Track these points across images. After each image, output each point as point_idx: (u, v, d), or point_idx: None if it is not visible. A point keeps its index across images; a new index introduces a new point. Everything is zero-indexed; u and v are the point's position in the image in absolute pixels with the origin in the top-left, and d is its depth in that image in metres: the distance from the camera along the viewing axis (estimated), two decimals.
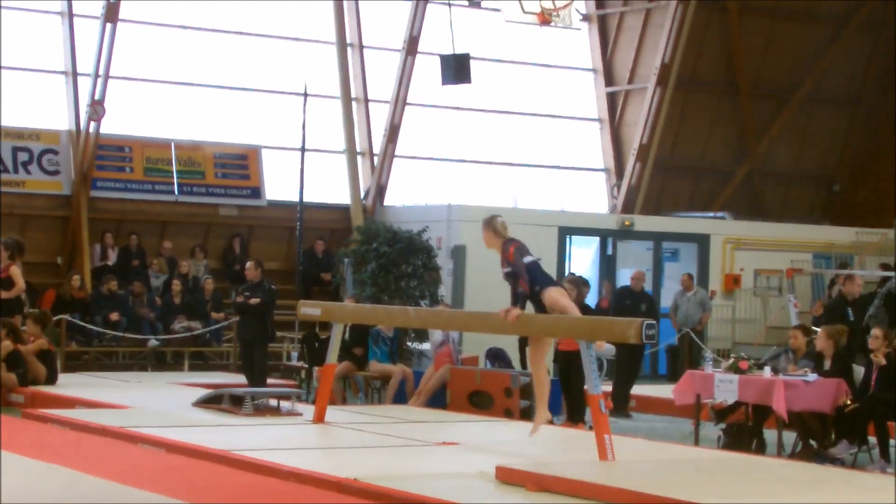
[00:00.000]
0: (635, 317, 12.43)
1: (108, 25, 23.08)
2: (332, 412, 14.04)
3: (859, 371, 14.44)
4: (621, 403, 17.83)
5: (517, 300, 11.44)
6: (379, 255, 22.75)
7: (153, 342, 21.94)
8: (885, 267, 25.46)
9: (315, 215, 25.16)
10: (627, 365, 18.46)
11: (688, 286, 23.77)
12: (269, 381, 18.13)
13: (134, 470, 10.35)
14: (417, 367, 19.72)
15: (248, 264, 18.26)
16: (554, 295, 11.47)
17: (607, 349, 20.59)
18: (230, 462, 10.83)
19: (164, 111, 24.98)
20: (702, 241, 26.59)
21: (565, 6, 19.78)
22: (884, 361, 13.71)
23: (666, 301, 25.00)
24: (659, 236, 26.50)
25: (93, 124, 23.26)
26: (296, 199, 23.31)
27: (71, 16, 23.51)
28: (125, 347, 22.11)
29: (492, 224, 11.72)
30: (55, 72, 23.85)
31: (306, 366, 19.25)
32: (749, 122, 29.96)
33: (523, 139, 28.52)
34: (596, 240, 26.17)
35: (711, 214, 27.97)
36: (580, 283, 16.53)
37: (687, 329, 23.09)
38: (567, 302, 11.52)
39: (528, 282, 11.43)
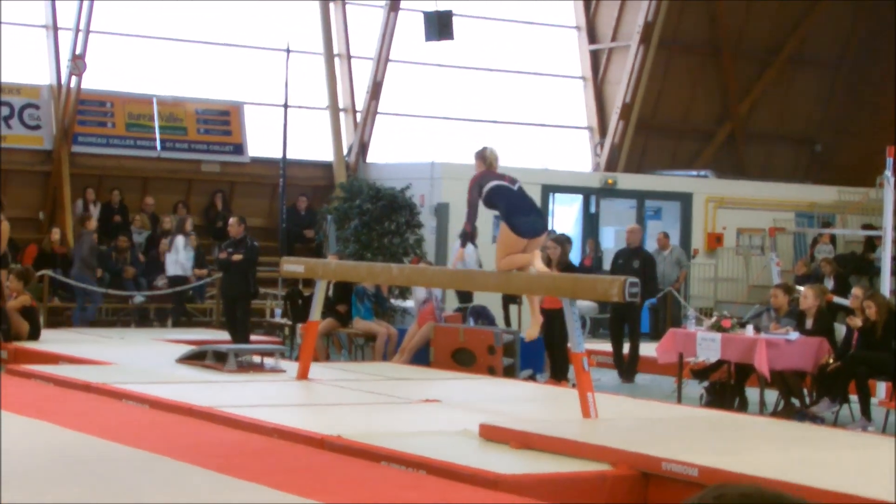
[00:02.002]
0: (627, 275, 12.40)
1: None
2: (316, 369, 14.06)
3: (841, 329, 14.50)
4: (631, 367, 17.67)
5: (466, 237, 11.49)
6: (362, 213, 22.74)
7: (138, 298, 21.91)
8: (867, 227, 25.53)
9: (298, 172, 25.10)
10: (630, 326, 17.93)
11: (664, 245, 23.75)
12: (253, 337, 18.15)
13: (118, 426, 10.35)
14: (401, 325, 19.75)
15: (231, 220, 18.23)
16: (499, 239, 11.42)
17: (589, 307, 20.60)
18: (214, 418, 10.83)
19: (145, 66, 24.86)
20: (684, 200, 26.61)
21: None
22: (860, 324, 13.76)
23: None
24: (642, 195, 26.50)
25: (74, 79, 23.15)
26: (278, 155, 23.25)
27: None
28: (108, 304, 22.07)
29: (480, 154, 11.67)
30: (36, 26, 23.71)
31: (290, 322, 19.27)
32: (732, 83, 29.94)
33: (506, 97, 28.47)
34: (579, 198, 26.18)
35: (694, 173, 27.98)
36: (563, 242, 16.52)
37: (668, 288, 23.11)
38: (504, 256, 11.39)
39: (468, 219, 11.38)
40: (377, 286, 18.00)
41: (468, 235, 11.67)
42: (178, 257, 21.82)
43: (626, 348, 17.78)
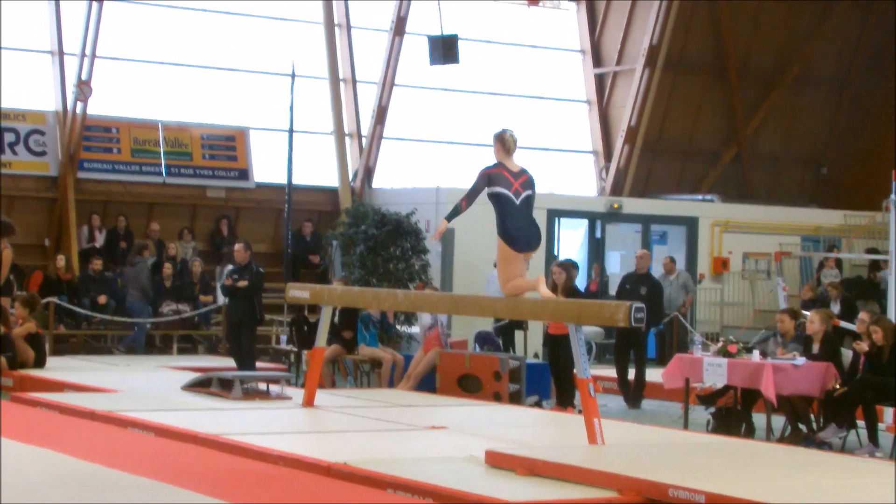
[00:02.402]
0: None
1: (95, 4, 22.99)
2: (322, 396, 14.04)
3: (847, 354, 14.46)
4: (637, 392, 17.62)
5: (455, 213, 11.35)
6: (367, 238, 22.72)
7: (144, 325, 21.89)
8: (872, 251, 25.50)
9: (303, 197, 25.11)
10: (636, 352, 17.77)
11: (670, 269, 23.73)
12: (259, 364, 18.10)
13: (123, 454, 10.33)
14: (406, 351, 19.71)
15: (237, 246, 18.18)
16: (498, 256, 11.40)
17: (594, 332, 20.55)
18: (220, 446, 10.82)
19: (151, 92, 24.90)
20: (690, 224, 26.57)
21: None
22: (866, 348, 13.72)
23: None
24: (647, 219, 26.47)
25: (80, 105, 23.19)
26: (284, 180, 23.25)
27: None
28: (114, 330, 22.06)
29: (500, 137, 11.57)
30: (42, 51, 23.76)
31: (295, 349, 19.23)
32: (737, 104, 29.94)
33: (511, 121, 28.45)
34: (584, 222, 26.15)
35: (700, 197, 27.95)
36: (569, 267, 16.51)
37: (674, 313, 23.08)
38: (507, 271, 11.34)
39: (465, 198, 11.28)
40: (383, 312, 17.98)
41: (458, 211, 11.49)
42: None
43: (631, 374, 17.72)
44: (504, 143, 11.51)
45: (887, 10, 30.25)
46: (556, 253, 24.46)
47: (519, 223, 11.34)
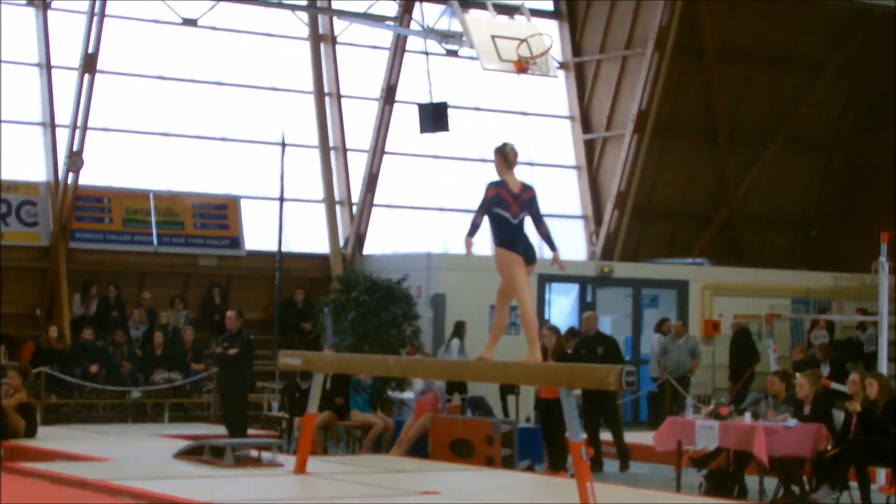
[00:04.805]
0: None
1: (86, 76, 23.12)
2: (314, 462, 14.00)
3: (839, 416, 14.47)
4: (622, 456, 17.54)
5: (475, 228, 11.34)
6: (359, 304, 22.74)
7: (135, 394, 21.87)
8: (862, 312, 25.56)
9: (294, 264, 25.16)
10: (607, 416, 17.80)
11: (680, 332, 23.76)
12: (250, 431, 18.07)
13: None
14: (398, 417, 19.69)
15: (229, 313, 18.22)
16: (496, 260, 11.39)
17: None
18: None
19: (142, 162, 24.99)
20: (681, 288, 26.63)
21: (542, 54, 19.83)
22: (858, 408, 13.73)
23: (648, 348, 25.02)
24: (638, 283, 26.53)
25: (71, 175, 23.27)
26: (275, 248, 23.31)
27: (49, 67, 23.56)
28: (105, 399, 22.02)
29: (500, 151, 11.59)
30: (33, 123, 23.86)
31: (287, 416, 19.19)
32: (727, 168, 30.08)
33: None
34: (575, 287, 26.19)
35: (690, 261, 28.02)
36: (559, 332, 16.56)
37: (669, 377, 23.04)
38: (508, 271, 11.34)
39: (477, 212, 11.33)
40: (374, 378, 17.97)
41: (477, 226, 11.48)
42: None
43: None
44: (505, 157, 11.60)
45: (875, 74, 30.49)
46: (547, 317, 24.47)
47: (515, 241, 11.41)
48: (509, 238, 11.39)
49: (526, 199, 11.50)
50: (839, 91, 31.00)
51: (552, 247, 11.62)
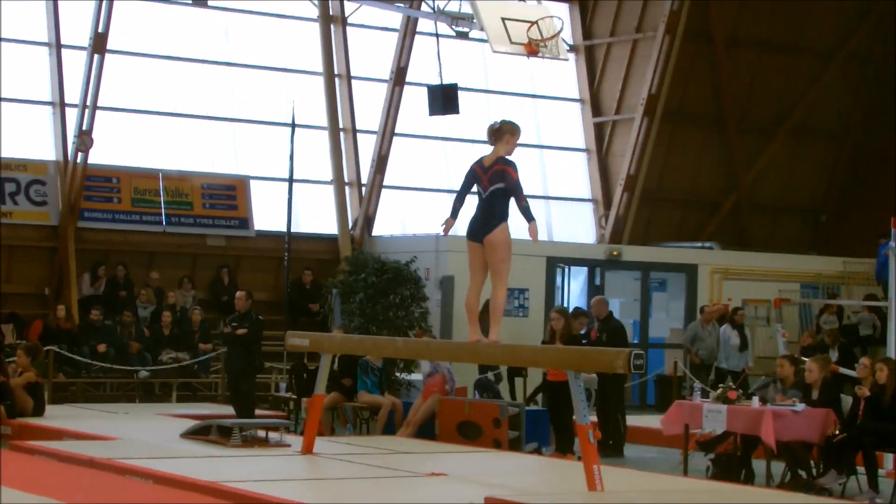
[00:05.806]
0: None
1: (96, 56, 23.11)
2: (321, 443, 14.01)
3: (847, 401, 14.46)
4: (617, 439, 17.53)
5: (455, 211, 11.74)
6: (367, 286, 22.74)
7: (143, 373, 21.90)
8: (870, 297, 25.52)
9: (303, 246, 25.15)
10: (613, 397, 17.81)
11: (708, 319, 23.05)
12: (258, 411, 18.10)
13: (122, 501, 10.31)
14: (406, 398, 19.69)
15: (239, 294, 18.24)
16: (504, 240, 11.61)
17: (593, 379, 20.55)
18: (218, 493, 10.80)
19: (151, 142, 24.98)
20: (689, 272, 26.60)
21: (553, 37, 19.81)
22: (867, 393, 13.72)
23: (656, 332, 24.97)
24: (647, 266, 26.50)
25: (80, 155, 23.26)
26: (283, 229, 23.30)
27: (59, 46, 23.53)
28: (113, 378, 22.05)
29: (516, 129, 11.75)
30: (43, 102, 23.84)
31: (294, 396, 19.22)
32: (737, 154, 30.02)
33: None
34: (584, 270, 26.17)
35: (699, 244, 27.99)
36: (567, 314, 16.54)
37: (674, 360, 22.94)
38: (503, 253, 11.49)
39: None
40: (383, 359, 17.98)
41: (455, 209, 11.87)
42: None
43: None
44: (489, 134, 11.77)
45: (886, 61, 30.40)
46: (563, 301, 24.47)
47: (475, 214, 11.66)
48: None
49: (494, 172, 11.54)
50: (849, 79, 30.90)
51: (528, 218, 11.63)
